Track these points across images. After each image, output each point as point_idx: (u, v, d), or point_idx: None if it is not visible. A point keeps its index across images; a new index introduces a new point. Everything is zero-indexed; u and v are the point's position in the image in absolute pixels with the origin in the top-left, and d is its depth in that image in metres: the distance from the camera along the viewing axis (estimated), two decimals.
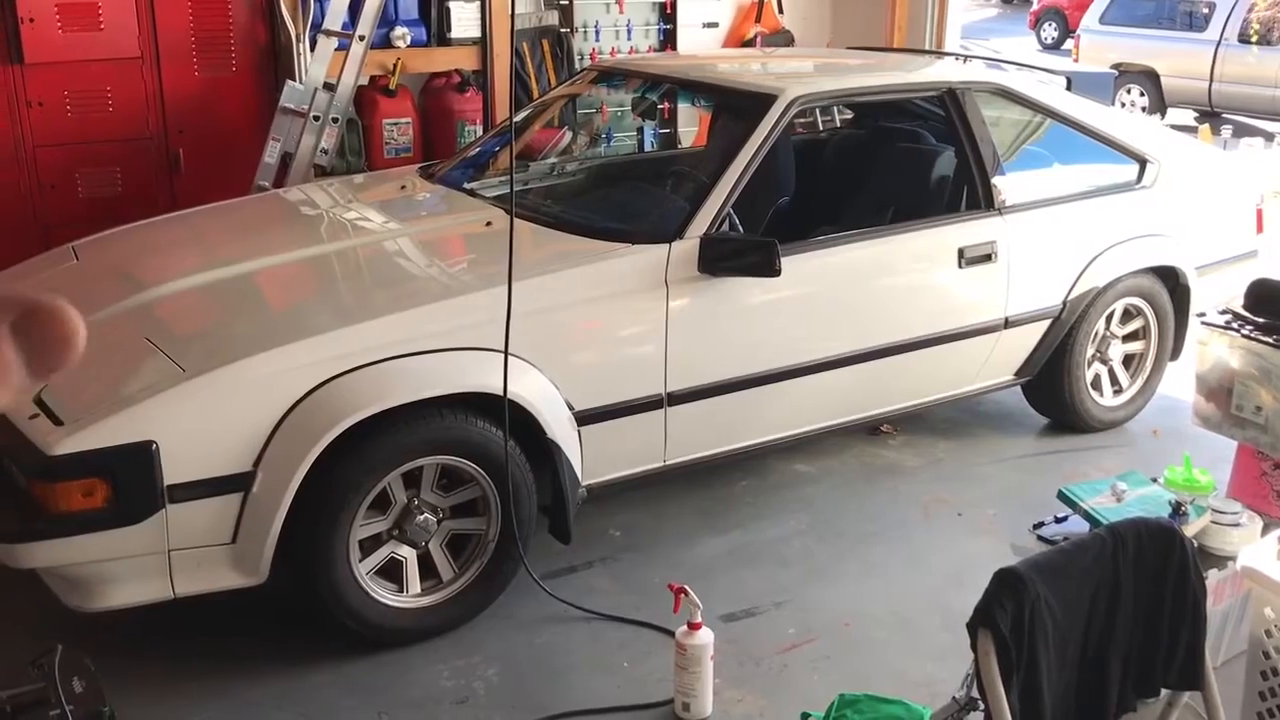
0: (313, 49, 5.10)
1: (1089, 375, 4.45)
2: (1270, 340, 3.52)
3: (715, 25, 6.81)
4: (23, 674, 2.26)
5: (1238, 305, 3.73)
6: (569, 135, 5.16)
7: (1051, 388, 4.41)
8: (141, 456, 2.67)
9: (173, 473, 2.71)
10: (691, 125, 6.25)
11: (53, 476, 2.66)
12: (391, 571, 3.11)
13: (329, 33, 5.03)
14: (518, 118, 4.65)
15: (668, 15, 6.55)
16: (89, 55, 5.01)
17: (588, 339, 3.33)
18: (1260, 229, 4.82)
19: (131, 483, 2.69)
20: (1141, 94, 12.19)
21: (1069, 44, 14.98)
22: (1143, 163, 4.46)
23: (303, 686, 2.98)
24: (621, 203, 4.09)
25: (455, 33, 5.79)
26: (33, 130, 4.98)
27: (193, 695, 2.94)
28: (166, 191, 5.25)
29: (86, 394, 2.78)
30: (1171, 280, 4.52)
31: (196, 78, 5.30)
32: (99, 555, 2.73)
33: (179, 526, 2.76)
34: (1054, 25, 18.56)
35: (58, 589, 2.84)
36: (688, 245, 3.39)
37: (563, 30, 6.26)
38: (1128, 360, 4.60)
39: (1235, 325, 3.63)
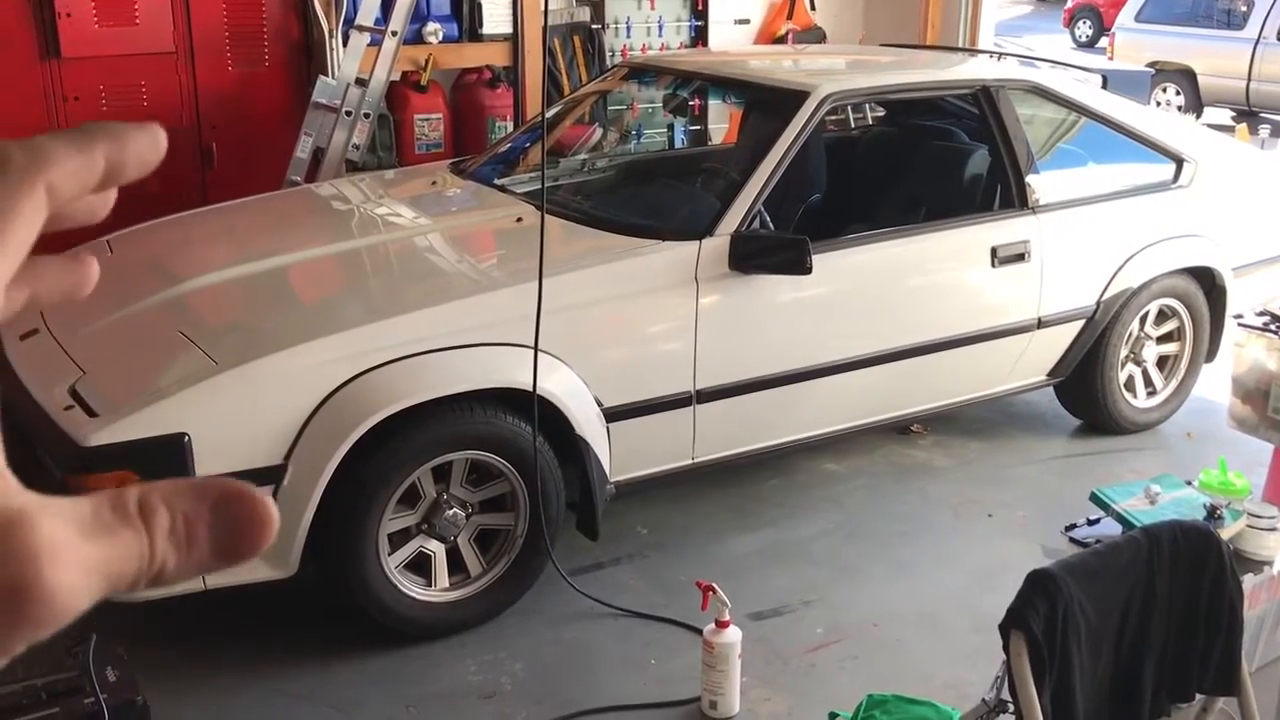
0: (345, 44, 5.12)
1: (1122, 377, 4.41)
2: None
3: (747, 22, 6.79)
4: (58, 662, 2.28)
5: (1275, 307, 3.67)
6: (600, 132, 5.16)
7: (1084, 389, 4.36)
8: (174, 449, 2.69)
9: (205, 465, 2.73)
10: (722, 122, 6.24)
11: (87, 468, 2.68)
12: (420, 566, 3.12)
13: (361, 28, 5.05)
14: (549, 114, 4.65)
15: (699, 11, 6.54)
16: (124, 50, 5.05)
17: (617, 335, 3.32)
18: None
19: (164, 475, 2.70)
20: (1178, 93, 12.06)
21: (1104, 42, 14.84)
22: (1179, 162, 4.41)
23: (331, 679, 3.00)
24: (652, 199, 4.09)
25: (487, 28, 5.80)
26: (69, 124, 5.02)
27: (223, 687, 2.96)
28: (199, 186, 5.29)
29: (120, 386, 2.81)
30: (1208, 281, 4.46)
31: (230, 73, 5.34)
32: None
33: None
34: (1089, 23, 18.39)
35: None
36: (718, 242, 3.38)
37: (594, 26, 6.26)
38: (1162, 362, 4.55)
39: (1273, 327, 3.58)
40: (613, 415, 3.24)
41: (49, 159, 0.37)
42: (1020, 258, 3.94)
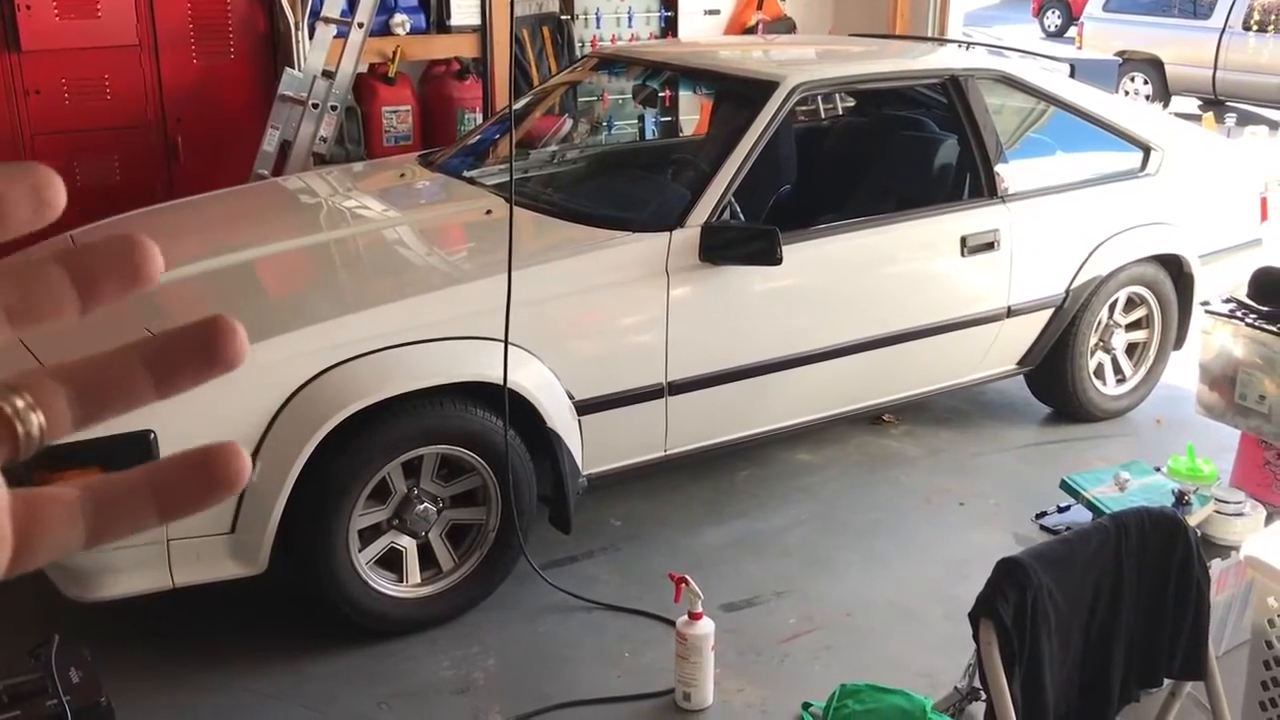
0: (311, 36, 5.07)
1: (1092, 364, 4.44)
2: (1274, 329, 3.50)
3: (717, 12, 6.77)
4: (20, 664, 2.25)
5: (1242, 294, 3.71)
6: (569, 123, 5.14)
7: (1054, 377, 4.39)
8: (140, 445, 2.65)
9: None
10: (693, 113, 6.23)
11: (53, 465, 2.64)
12: (391, 561, 3.10)
13: (328, 20, 5.01)
14: (518, 105, 4.63)
15: (669, 2, 6.52)
16: (86, 43, 4.98)
17: (588, 328, 3.31)
18: (1264, 217, 4.79)
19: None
20: (1145, 82, 12.15)
21: (1072, 31, 14.93)
22: (1146, 150, 4.43)
23: (303, 677, 2.97)
24: (622, 191, 4.07)
25: (455, 20, 5.76)
26: (30, 118, 4.96)
27: (191, 686, 2.93)
28: (165, 180, 5.23)
29: None
30: (1175, 269, 4.49)
31: (195, 65, 5.28)
32: None
33: None
34: (1057, 13, 18.47)
35: (56, 579, 2.83)
36: (689, 234, 3.37)
37: (563, 17, 6.23)
38: (1131, 349, 4.58)
39: (1239, 314, 3.61)
40: (584, 408, 3.23)
41: None
42: (990, 247, 3.95)
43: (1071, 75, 4.77)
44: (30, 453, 0.38)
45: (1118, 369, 4.56)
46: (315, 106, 4.90)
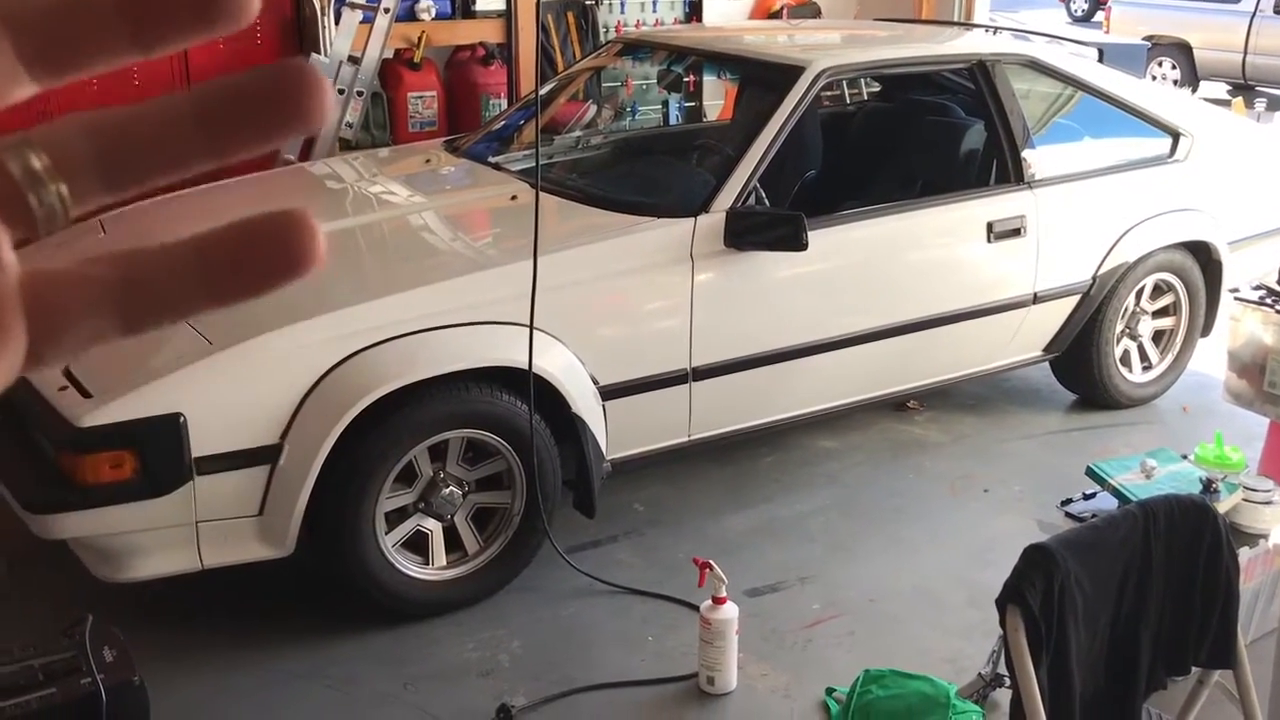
0: (337, 22, 5.09)
1: (1118, 351, 4.41)
2: None
3: None
4: (54, 643, 2.28)
5: (1271, 280, 3.67)
6: (594, 108, 5.14)
7: (1080, 364, 4.36)
8: (169, 428, 2.68)
9: (200, 445, 2.72)
10: (717, 98, 6.21)
11: (81, 448, 2.68)
12: (417, 544, 3.13)
13: (354, 5, 5.01)
14: (543, 91, 4.63)
15: None
16: None
17: (613, 313, 3.32)
18: None
19: (159, 455, 2.70)
20: (1174, 67, 12.02)
21: (1099, 16, 14.78)
22: (1175, 136, 4.39)
23: (329, 657, 3.00)
24: (647, 176, 4.07)
25: (480, 5, 5.76)
26: (58, 105, 4.99)
27: (221, 666, 2.96)
28: None
29: (114, 367, 2.80)
30: (1204, 255, 4.46)
31: (221, 50, 5.29)
32: (127, 526, 2.75)
33: (206, 498, 2.77)
34: None
35: (87, 560, 2.86)
36: (713, 219, 3.37)
37: (588, 2, 6.22)
38: (1158, 336, 4.55)
39: (1269, 301, 3.58)
40: (609, 393, 3.24)
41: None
42: (1016, 233, 3.93)
43: (1099, 60, 4.73)
44: (52, 230, 0.31)
45: (1144, 356, 4.53)
46: (341, 92, 4.91)
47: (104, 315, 0.32)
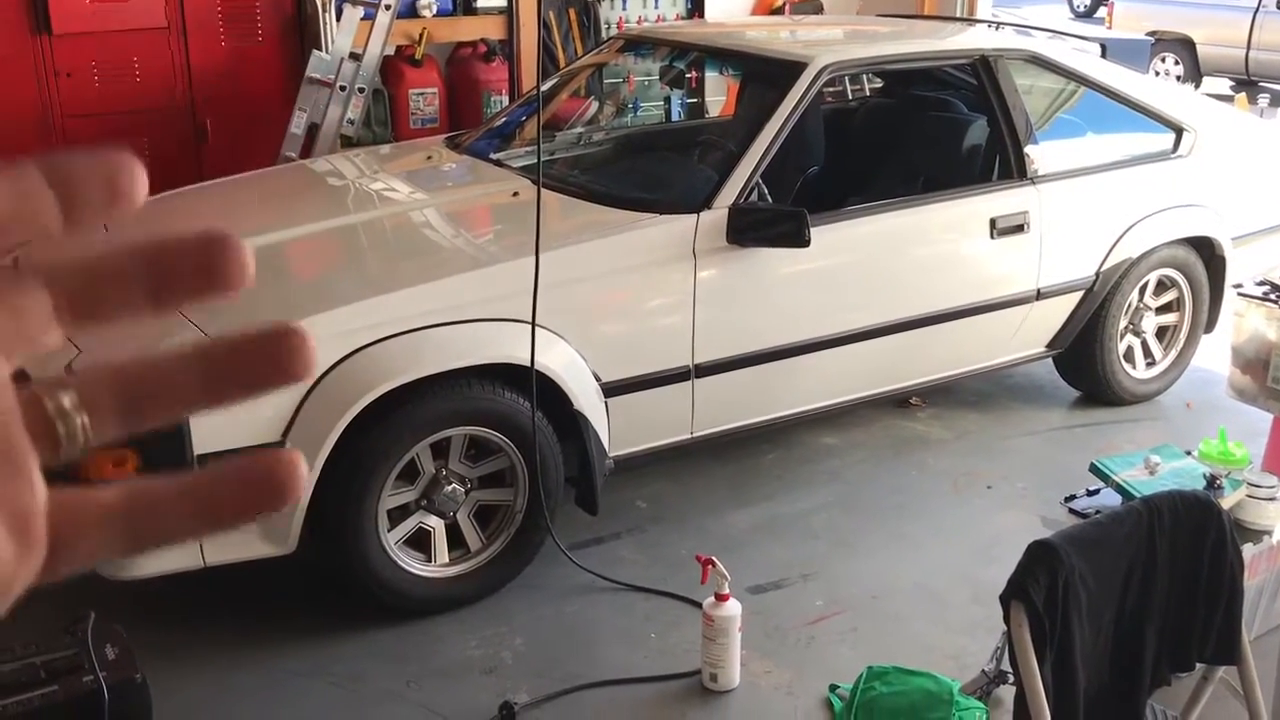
0: (339, 19, 5.08)
1: (1122, 347, 4.40)
2: None
3: None
4: (56, 640, 2.28)
5: (1275, 276, 3.66)
6: (596, 105, 5.13)
7: (1083, 360, 4.36)
8: (172, 427, 2.68)
9: (202, 443, 2.72)
10: (719, 94, 6.20)
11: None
12: (420, 541, 3.12)
13: (355, 2, 5.01)
14: (544, 87, 4.62)
15: None
16: (116, 25, 5.01)
17: (615, 310, 3.31)
18: None
19: (161, 453, 2.70)
20: (1177, 62, 11.99)
21: (1102, 11, 14.75)
22: (1179, 131, 4.38)
23: (332, 655, 3.00)
24: (649, 173, 4.06)
25: (481, 2, 5.76)
26: (61, 101, 5.00)
27: (223, 664, 2.96)
28: (193, 162, 5.25)
29: None
30: (1207, 251, 4.45)
31: (223, 48, 5.29)
32: None
33: None
34: None
35: None
36: (716, 215, 3.36)
37: None
38: (1161, 332, 4.54)
39: (1273, 296, 3.57)
40: (611, 390, 3.23)
41: None
42: (1019, 229, 3.92)
43: (1102, 55, 4.72)
44: (73, 455, 0.36)
45: (1148, 352, 4.52)
46: (343, 89, 4.91)
47: (112, 534, 0.37)
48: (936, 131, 4.36)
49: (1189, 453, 3.28)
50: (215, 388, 0.38)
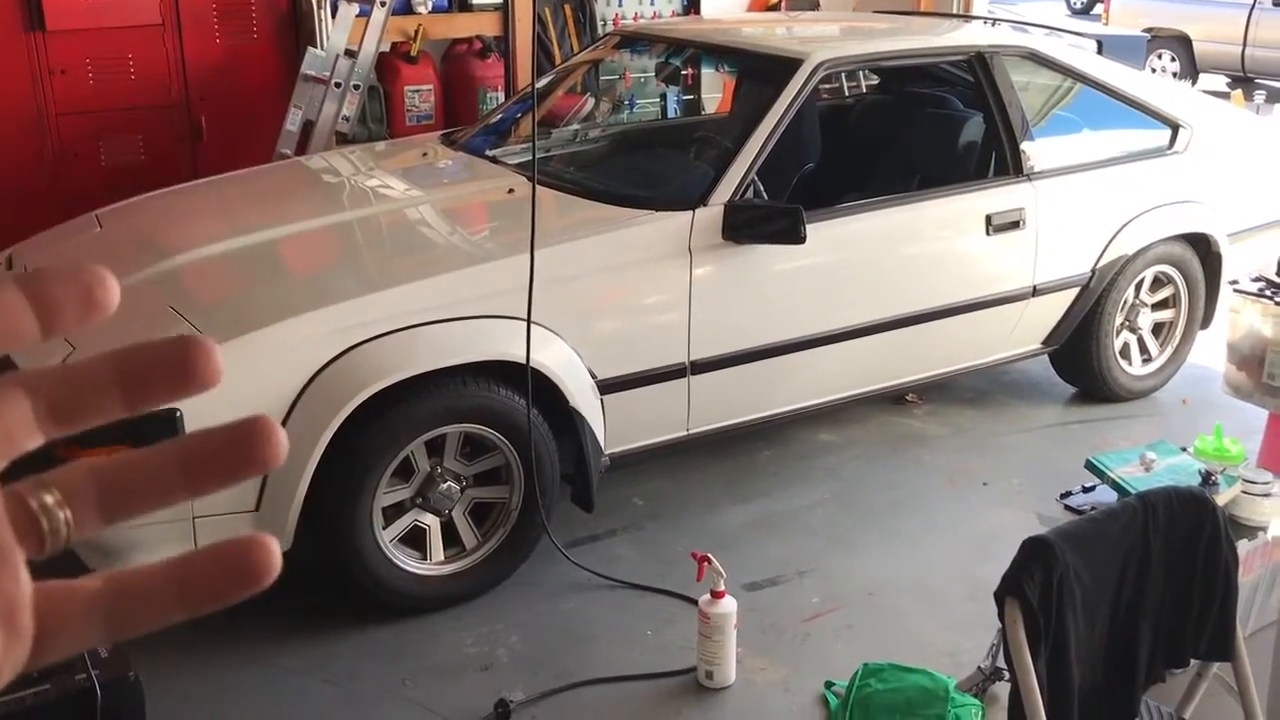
0: (334, 15, 5.07)
1: (1118, 344, 4.40)
2: None
3: None
4: None
5: (1271, 272, 3.67)
6: (591, 101, 5.12)
7: (1079, 357, 4.36)
8: (166, 424, 2.67)
9: None
10: (716, 91, 6.19)
11: (79, 442, 2.66)
12: (415, 539, 3.12)
13: None
14: (540, 84, 4.61)
15: None
16: (110, 22, 5.00)
17: (611, 307, 3.31)
18: None
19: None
20: (1173, 59, 12.00)
21: (1099, 8, 14.75)
22: (1175, 128, 4.38)
23: (327, 653, 3.00)
24: (645, 169, 4.06)
25: None
26: (55, 98, 4.98)
27: (218, 662, 2.96)
28: (188, 159, 5.25)
29: None
30: (1203, 247, 4.45)
31: (218, 45, 5.28)
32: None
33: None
34: None
35: (84, 554, 2.84)
36: (712, 212, 3.36)
37: None
38: (1157, 329, 4.54)
39: (1268, 293, 3.57)
40: (607, 387, 3.23)
41: None
42: (1015, 225, 3.92)
43: (1098, 52, 4.72)
44: (56, 550, 0.38)
45: (1144, 349, 4.53)
46: (338, 86, 4.90)
47: (94, 623, 0.38)
48: (932, 128, 4.36)
49: (1185, 449, 3.28)
50: (194, 479, 0.40)
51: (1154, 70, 11.65)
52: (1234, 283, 3.76)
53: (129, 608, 0.39)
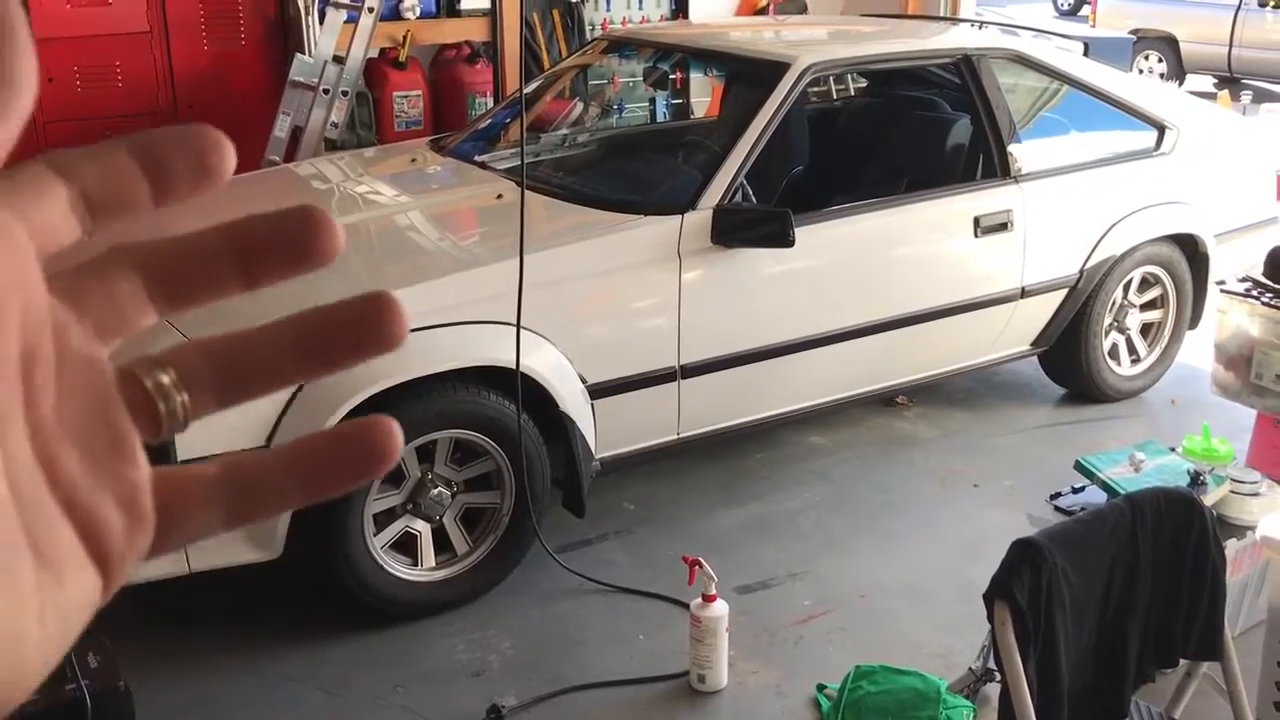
0: (322, 22, 5.07)
1: (1106, 344, 4.41)
2: None
3: None
4: None
5: (1257, 272, 3.68)
6: (580, 106, 5.12)
7: (1068, 358, 4.37)
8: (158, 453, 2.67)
9: (186, 449, 2.70)
10: (704, 95, 6.20)
11: None
12: (406, 545, 3.11)
13: (338, 5, 5.00)
14: (528, 89, 4.62)
15: None
16: (98, 30, 4.99)
17: (600, 311, 3.31)
18: None
19: (149, 455, 2.68)
20: (1160, 60, 12.05)
21: (1086, 10, 14.80)
22: (1161, 129, 4.40)
23: (319, 660, 2.99)
24: (634, 174, 4.06)
25: (465, 4, 5.75)
26: (43, 106, 4.96)
27: (208, 670, 2.95)
28: None
29: None
30: (1190, 248, 4.47)
31: (206, 52, 5.28)
32: None
33: None
34: None
35: None
36: (701, 216, 3.36)
37: (573, 0, 6.20)
38: (1146, 329, 4.56)
39: (1255, 293, 3.59)
40: (597, 392, 3.23)
41: (51, 154, 0.34)
42: (1003, 227, 3.93)
43: (1085, 54, 4.74)
44: (173, 432, 0.36)
45: (1132, 349, 4.54)
46: (326, 92, 4.90)
47: (215, 509, 0.37)
48: (920, 131, 4.37)
49: (1174, 449, 3.30)
50: (310, 359, 0.38)
51: (1141, 71, 11.70)
52: (1221, 283, 3.78)
53: (249, 494, 0.37)
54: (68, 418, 0.33)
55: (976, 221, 3.88)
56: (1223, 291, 3.68)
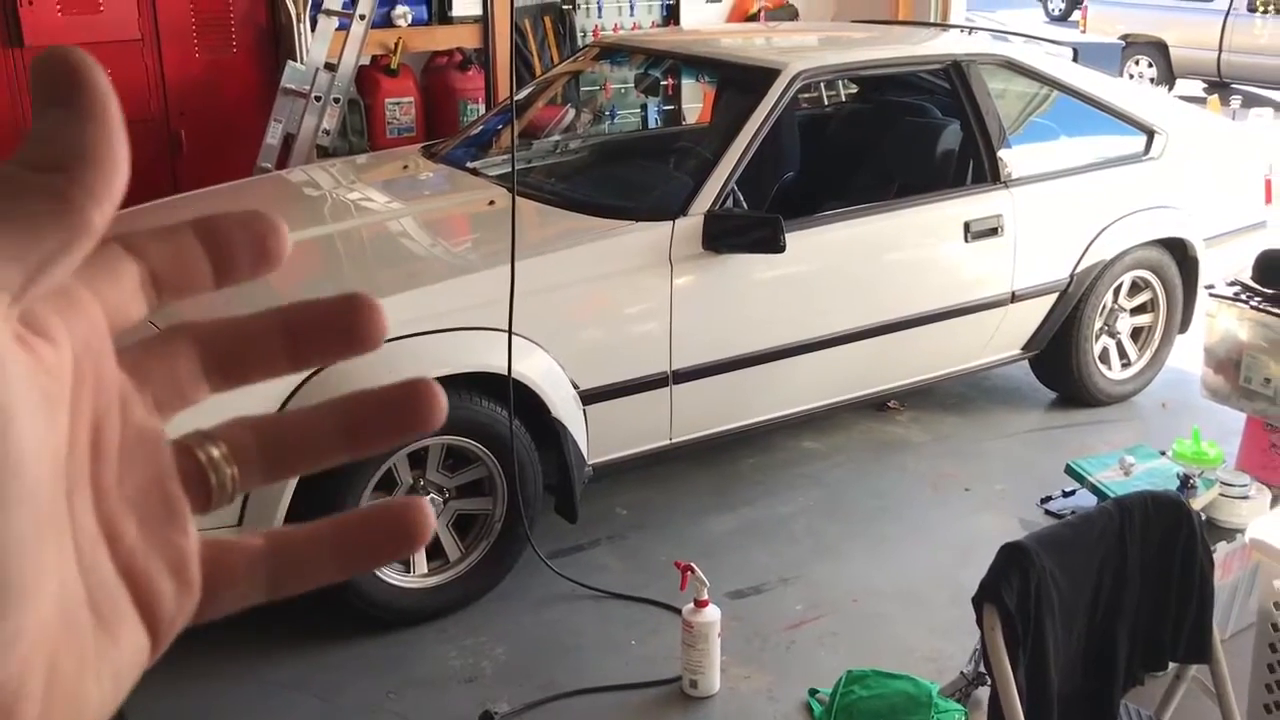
0: (313, 29, 5.07)
1: (1097, 349, 4.43)
2: (1279, 311, 3.50)
3: (718, 0, 6.76)
4: None
5: (1246, 277, 3.70)
6: (572, 113, 5.14)
7: (1059, 362, 4.38)
8: None
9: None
10: (696, 101, 6.22)
11: None
12: None
13: (330, 12, 5.00)
14: (520, 96, 4.63)
15: None
16: (89, 37, 4.98)
17: (592, 317, 3.32)
18: (1269, 200, 4.78)
19: None
20: (1149, 65, 12.10)
21: (1076, 15, 14.86)
22: (1150, 134, 4.42)
23: (312, 666, 2.99)
24: (625, 180, 4.07)
25: (456, 11, 5.76)
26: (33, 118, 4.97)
27: (202, 678, 2.94)
28: (168, 174, 5.24)
29: None
30: (1180, 252, 4.49)
31: (197, 59, 5.28)
32: None
33: None
34: None
35: None
36: (692, 222, 3.37)
37: (565, 7, 6.22)
38: (1136, 333, 4.58)
39: (1244, 297, 3.60)
40: (589, 397, 3.24)
41: (123, 234, 0.36)
42: (993, 232, 3.95)
43: (1075, 59, 4.76)
44: (221, 504, 0.38)
45: (1123, 353, 4.56)
46: (318, 99, 4.90)
47: (257, 580, 0.39)
48: (911, 136, 4.38)
49: (1163, 453, 3.31)
50: (354, 439, 0.40)
51: (1131, 76, 11.74)
52: (1210, 287, 3.79)
53: (290, 567, 0.39)
54: (128, 487, 0.34)
55: (967, 226, 3.90)
56: (1212, 295, 3.70)
